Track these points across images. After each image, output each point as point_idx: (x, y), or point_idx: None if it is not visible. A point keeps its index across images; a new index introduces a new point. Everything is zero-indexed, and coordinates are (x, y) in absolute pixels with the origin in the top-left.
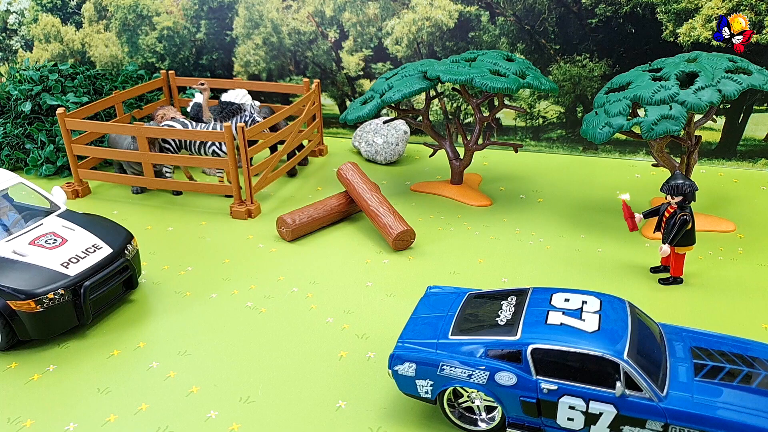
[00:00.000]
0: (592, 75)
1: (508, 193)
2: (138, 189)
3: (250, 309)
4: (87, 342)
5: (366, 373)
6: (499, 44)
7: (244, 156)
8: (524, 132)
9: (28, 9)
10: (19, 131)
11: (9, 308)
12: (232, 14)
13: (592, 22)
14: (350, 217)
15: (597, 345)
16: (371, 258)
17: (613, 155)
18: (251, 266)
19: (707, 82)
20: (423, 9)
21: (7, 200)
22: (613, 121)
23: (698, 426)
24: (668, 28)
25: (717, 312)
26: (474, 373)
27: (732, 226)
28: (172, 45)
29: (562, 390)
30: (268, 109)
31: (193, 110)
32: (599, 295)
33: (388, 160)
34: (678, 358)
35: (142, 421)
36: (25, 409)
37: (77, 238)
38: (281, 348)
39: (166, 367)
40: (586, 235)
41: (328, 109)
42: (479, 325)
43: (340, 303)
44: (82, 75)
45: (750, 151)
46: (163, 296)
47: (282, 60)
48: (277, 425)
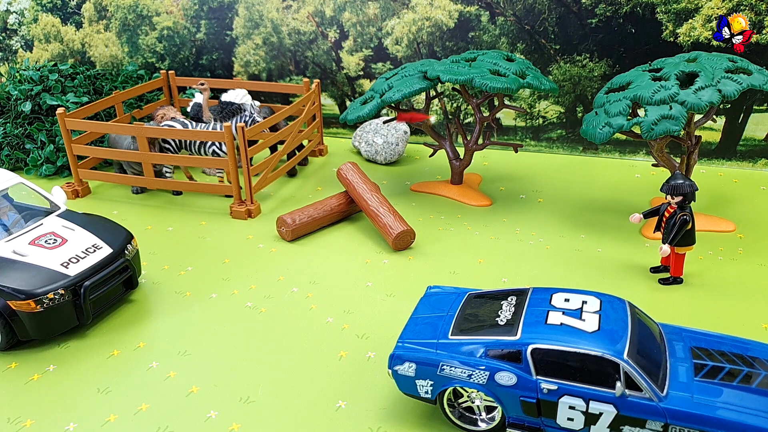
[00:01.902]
0: (592, 75)
1: (508, 193)
2: (138, 189)
3: (250, 309)
4: (87, 342)
5: (366, 373)
6: (499, 44)
7: (244, 156)
8: (524, 132)
9: (28, 9)
10: (19, 131)
11: (9, 308)
12: (232, 14)
13: (592, 22)
14: (350, 217)
15: (597, 345)
16: (371, 258)
17: (613, 155)
18: (251, 266)
19: (707, 82)
20: (423, 9)
21: (7, 200)
22: (613, 121)
23: (698, 426)
24: (668, 28)
25: (717, 312)
26: (474, 373)
27: (732, 226)
28: (172, 45)
29: (562, 390)
30: (268, 109)
31: (193, 110)
32: (599, 295)
33: (388, 160)
34: (678, 358)
35: (142, 421)
36: (25, 409)
37: (77, 238)
38: (281, 348)
39: (166, 367)
40: (586, 235)
41: (328, 109)
42: (479, 325)
43: (340, 303)
44: (82, 75)
45: (750, 151)
46: (163, 296)
47: (282, 60)
48: (277, 425)
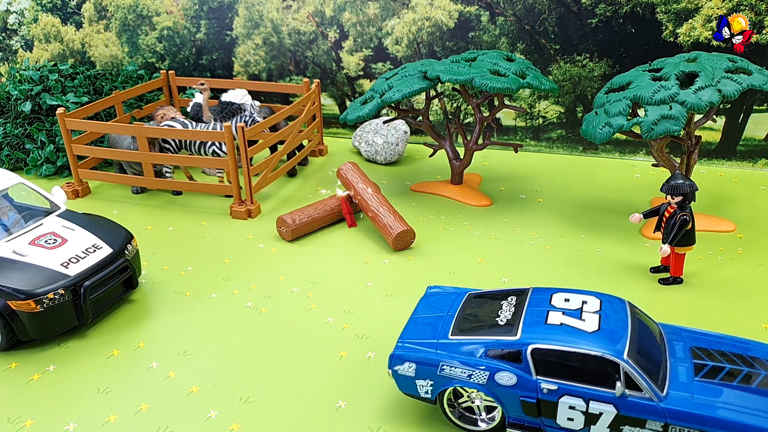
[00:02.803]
0: (592, 75)
1: (508, 193)
2: (138, 189)
3: (250, 309)
4: (87, 342)
5: (366, 373)
6: (499, 44)
7: (244, 156)
8: (524, 132)
9: (28, 9)
10: (19, 131)
11: (9, 308)
12: (232, 14)
13: (592, 22)
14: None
15: (597, 345)
16: (371, 258)
17: (613, 155)
18: (251, 266)
19: (707, 82)
20: (423, 9)
21: (7, 200)
22: (613, 121)
23: (698, 426)
24: (668, 28)
25: (717, 312)
26: (474, 373)
27: (732, 226)
28: (172, 45)
29: (562, 390)
30: (268, 109)
31: (193, 110)
32: (599, 295)
33: (388, 160)
34: (678, 358)
35: (142, 421)
36: (25, 409)
37: (77, 238)
38: (281, 348)
39: (166, 367)
40: (586, 235)
41: (328, 109)
42: (479, 325)
43: (340, 303)
44: (82, 75)
45: (750, 151)
46: (163, 296)
47: (282, 60)
48: (277, 425)
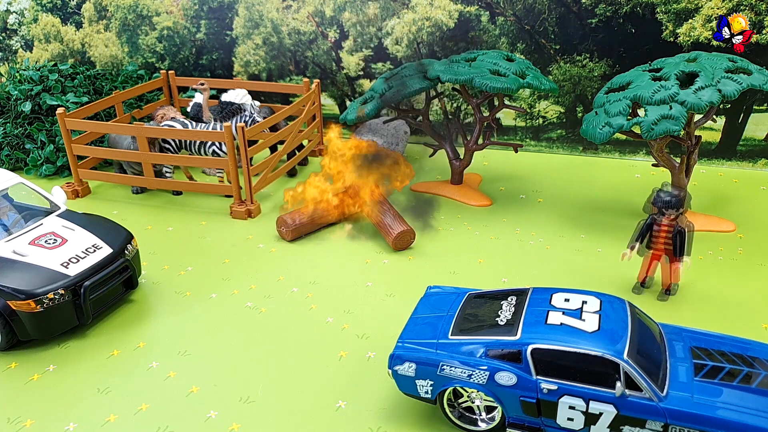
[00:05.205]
0: (592, 75)
1: (508, 193)
2: (138, 189)
3: (250, 309)
4: (87, 342)
5: (366, 373)
6: (499, 44)
7: (244, 156)
8: (524, 132)
9: (28, 9)
10: (19, 131)
11: (9, 308)
12: (232, 14)
13: (592, 22)
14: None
15: (597, 345)
16: (371, 258)
17: (613, 155)
18: (251, 266)
19: (707, 82)
20: (423, 9)
21: (7, 200)
22: (613, 121)
23: (698, 426)
24: (668, 28)
25: (717, 312)
26: (474, 373)
27: (732, 226)
28: (172, 45)
29: (562, 390)
30: (268, 109)
31: (193, 110)
32: (599, 295)
33: None
34: (678, 358)
35: (142, 421)
36: (25, 409)
37: (77, 238)
38: (281, 348)
39: (166, 367)
40: (586, 235)
41: (328, 109)
42: (479, 325)
43: (340, 303)
44: (82, 75)
45: (750, 151)
46: (163, 296)
47: (282, 60)
48: (277, 425)
